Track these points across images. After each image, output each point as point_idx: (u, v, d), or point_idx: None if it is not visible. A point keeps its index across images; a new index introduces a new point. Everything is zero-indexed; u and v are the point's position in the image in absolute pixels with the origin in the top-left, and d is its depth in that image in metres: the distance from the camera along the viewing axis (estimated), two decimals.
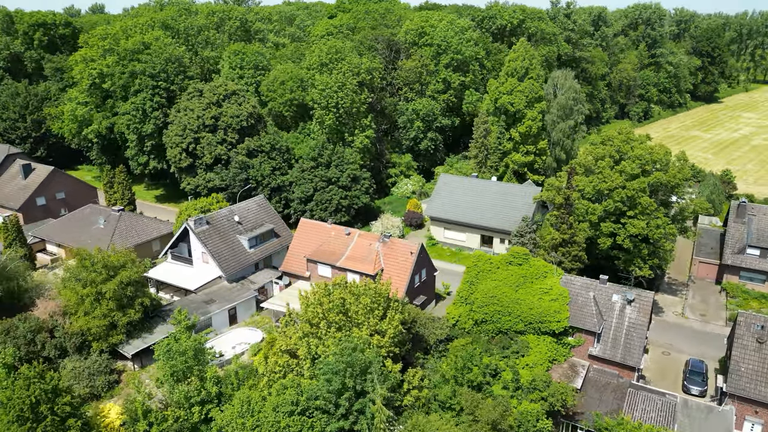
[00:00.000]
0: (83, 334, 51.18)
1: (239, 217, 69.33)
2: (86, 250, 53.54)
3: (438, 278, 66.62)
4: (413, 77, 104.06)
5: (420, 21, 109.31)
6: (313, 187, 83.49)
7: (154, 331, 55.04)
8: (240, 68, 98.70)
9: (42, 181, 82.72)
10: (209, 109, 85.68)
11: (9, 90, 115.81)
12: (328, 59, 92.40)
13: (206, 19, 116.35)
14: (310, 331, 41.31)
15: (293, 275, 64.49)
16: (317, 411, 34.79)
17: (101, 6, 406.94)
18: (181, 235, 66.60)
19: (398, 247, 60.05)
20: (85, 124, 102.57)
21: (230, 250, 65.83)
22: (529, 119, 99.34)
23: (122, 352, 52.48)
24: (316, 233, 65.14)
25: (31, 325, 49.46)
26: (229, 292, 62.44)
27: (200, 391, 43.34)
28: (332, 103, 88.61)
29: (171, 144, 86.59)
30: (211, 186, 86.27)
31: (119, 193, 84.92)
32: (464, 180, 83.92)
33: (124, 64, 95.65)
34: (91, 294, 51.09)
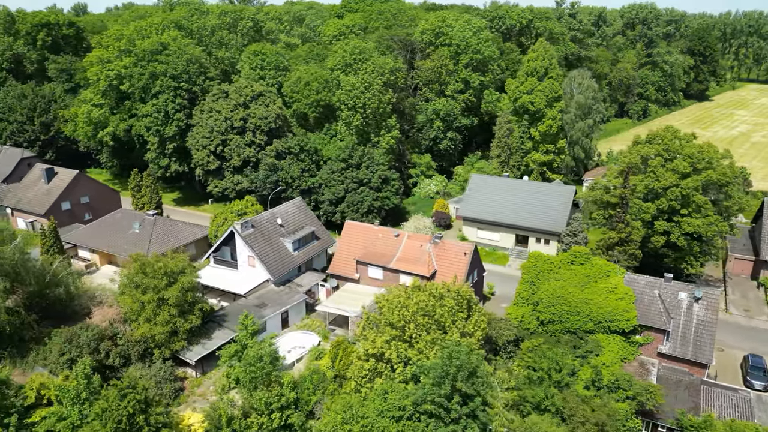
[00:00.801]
0: (145, 342, 50.13)
1: (281, 220, 68.59)
2: (144, 256, 52.47)
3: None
4: (433, 77, 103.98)
5: (436, 21, 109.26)
6: (344, 188, 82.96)
7: (212, 336, 54.15)
8: (261, 69, 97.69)
9: (67, 186, 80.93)
10: (237, 110, 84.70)
11: (15, 92, 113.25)
12: (352, 59, 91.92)
13: (218, 20, 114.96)
14: (395, 334, 40.94)
15: (341, 277, 63.98)
16: (424, 415, 34.49)
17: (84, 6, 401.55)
18: (225, 238, 65.59)
19: (451, 248, 59.88)
20: (100, 127, 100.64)
21: (276, 253, 65.12)
22: (549, 118, 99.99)
23: (184, 359, 51.52)
24: (363, 235, 64.69)
25: (93, 333, 48.34)
26: (279, 296, 61.73)
27: (280, 397, 42.81)
28: (359, 104, 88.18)
29: (197, 146, 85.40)
30: (239, 188, 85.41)
31: (147, 196, 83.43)
32: (496, 180, 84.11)
33: (143, 65, 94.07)
34: (152, 300, 50.09)
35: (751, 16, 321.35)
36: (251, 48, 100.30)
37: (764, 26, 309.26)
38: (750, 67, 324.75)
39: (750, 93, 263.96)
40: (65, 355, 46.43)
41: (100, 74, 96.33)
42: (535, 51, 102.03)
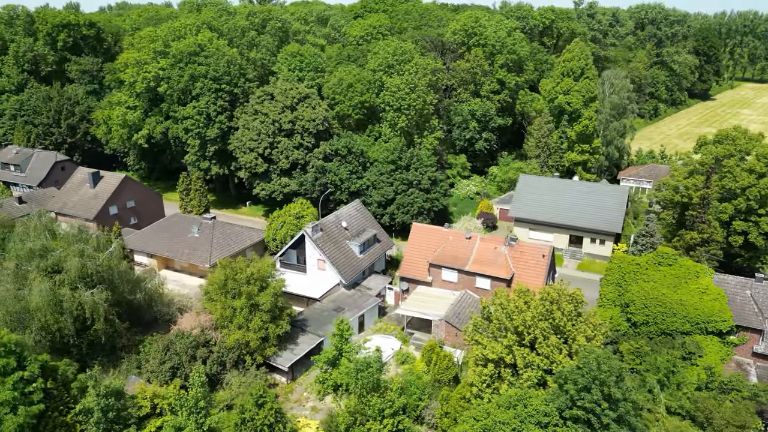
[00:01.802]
0: (239, 348, 49.39)
1: (346, 223, 68.07)
2: (235, 261, 51.68)
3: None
4: (468, 77, 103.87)
5: (469, 21, 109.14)
6: (394, 190, 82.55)
7: (297, 341, 53.57)
8: (299, 70, 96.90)
9: (114, 190, 79.64)
10: (284, 113, 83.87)
11: (39, 94, 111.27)
12: (394, 60, 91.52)
13: (247, 20, 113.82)
14: (515, 339, 40.68)
15: (412, 280, 63.55)
16: (570, 421, 34.27)
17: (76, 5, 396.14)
18: (293, 242, 64.94)
19: (528, 250, 59.77)
20: (134, 129, 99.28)
21: (344, 257, 64.61)
22: (585, 118, 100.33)
23: (275, 365, 50.84)
24: (432, 237, 64.36)
25: (190, 341, 47.51)
26: (353, 299, 61.23)
27: (392, 403, 42.38)
28: (404, 105, 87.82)
29: (244, 149, 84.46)
30: (287, 191, 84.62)
31: (196, 200, 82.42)
32: (545, 180, 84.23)
33: (180, 67, 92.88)
34: (245, 306, 49.35)
35: (746, 16, 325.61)
36: (288, 49, 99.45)
37: (759, 26, 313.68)
38: (745, 66, 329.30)
39: (748, 92, 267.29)
40: (166, 363, 45.54)
41: (136, 76, 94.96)
42: (571, 51, 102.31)
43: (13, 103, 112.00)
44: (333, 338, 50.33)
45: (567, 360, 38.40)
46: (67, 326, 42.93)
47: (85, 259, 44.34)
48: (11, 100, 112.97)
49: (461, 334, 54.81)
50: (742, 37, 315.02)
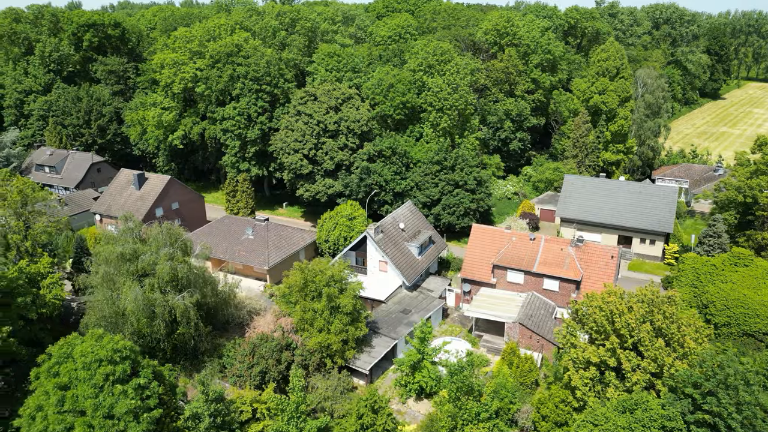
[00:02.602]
0: (320, 351, 48.93)
1: (403, 224, 67.70)
2: (309, 263, 51.21)
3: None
4: (502, 77, 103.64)
5: (501, 21, 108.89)
6: (440, 191, 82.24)
7: (372, 344, 53.13)
8: (337, 71, 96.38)
9: (161, 191, 78.91)
10: (329, 113, 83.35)
11: (69, 95, 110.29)
12: (434, 60, 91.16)
13: (276, 20, 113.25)
14: (617, 342, 40.37)
15: (475, 282, 63.19)
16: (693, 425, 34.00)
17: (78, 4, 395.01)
18: (353, 243, 64.53)
19: (595, 251, 59.54)
20: (169, 130, 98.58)
21: (404, 258, 64.26)
22: (621, 118, 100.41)
23: (355, 368, 50.42)
24: (493, 239, 64.05)
25: (274, 344, 47.03)
26: (417, 301, 60.87)
27: (488, 407, 42.05)
28: (447, 105, 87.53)
29: (288, 150, 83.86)
30: (331, 192, 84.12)
31: (243, 201, 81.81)
32: (592, 180, 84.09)
33: (219, 67, 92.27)
34: (326, 309, 48.93)
35: (749, 16, 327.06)
36: (324, 49, 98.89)
37: (764, 26, 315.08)
38: (749, 65, 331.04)
39: (756, 91, 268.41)
40: (256, 367, 45.03)
41: (174, 77, 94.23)
42: (606, 51, 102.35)
43: (41, 104, 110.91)
44: (413, 341, 49.97)
45: (678, 363, 38.11)
46: (159, 330, 42.38)
47: (175, 263, 43.76)
48: (39, 101, 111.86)
49: (535, 336, 54.70)
50: (746, 37, 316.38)
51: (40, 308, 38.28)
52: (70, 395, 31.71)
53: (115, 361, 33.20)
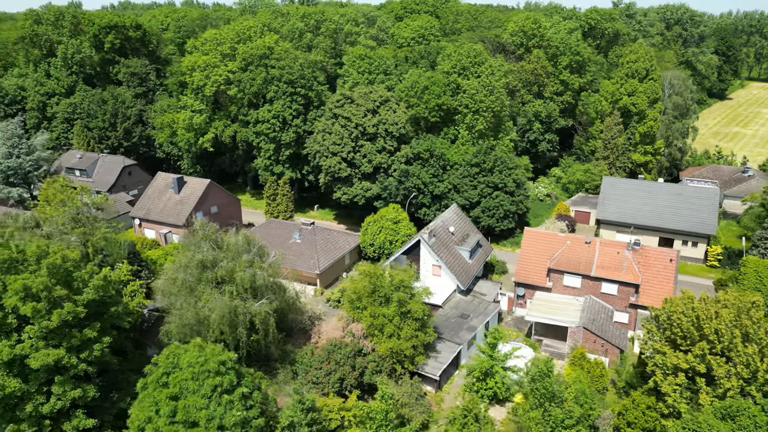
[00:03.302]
0: (392, 357, 48.66)
1: (453, 228, 67.50)
2: (378, 268, 50.94)
3: None
4: (531, 79, 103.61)
5: (529, 23, 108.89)
6: (479, 193, 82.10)
7: (437, 349, 52.89)
8: (368, 73, 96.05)
9: (201, 195, 78.39)
10: (367, 116, 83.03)
11: (94, 97, 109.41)
12: (468, 62, 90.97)
13: (302, 22, 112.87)
14: (708, 348, 40.31)
15: (530, 286, 63.05)
16: None
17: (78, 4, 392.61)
18: (407, 247, 64.25)
19: (653, 255, 59.53)
20: (200, 133, 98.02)
21: (457, 262, 64.06)
22: (650, 119, 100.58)
23: (424, 374, 50.17)
24: (546, 242, 63.95)
25: (348, 350, 46.74)
26: (473, 305, 60.67)
27: (571, 413, 41.91)
28: (483, 107, 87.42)
29: (326, 153, 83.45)
30: (369, 195, 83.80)
31: (283, 204, 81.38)
32: (631, 182, 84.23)
33: (251, 70, 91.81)
34: (396, 314, 48.68)
35: (751, 17, 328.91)
36: (355, 51, 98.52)
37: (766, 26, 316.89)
38: (751, 65, 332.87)
39: (760, 92, 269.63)
40: (334, 374, 44.72)
41: (205, 80, 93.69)
42: (635, 53, 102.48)
43: (65, 107, 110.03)
44: (483, 347, 49.82)
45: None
46: (242, 338, 42.03)
47: (254, 270, 43.40)
48: (63, 104, 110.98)
49: (599, 340, 54.59)
50: (748, 37, 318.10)
51: (127, 317, 37.82)
52: (181, 405, 31.32)
53: (221, 372, 32.86)
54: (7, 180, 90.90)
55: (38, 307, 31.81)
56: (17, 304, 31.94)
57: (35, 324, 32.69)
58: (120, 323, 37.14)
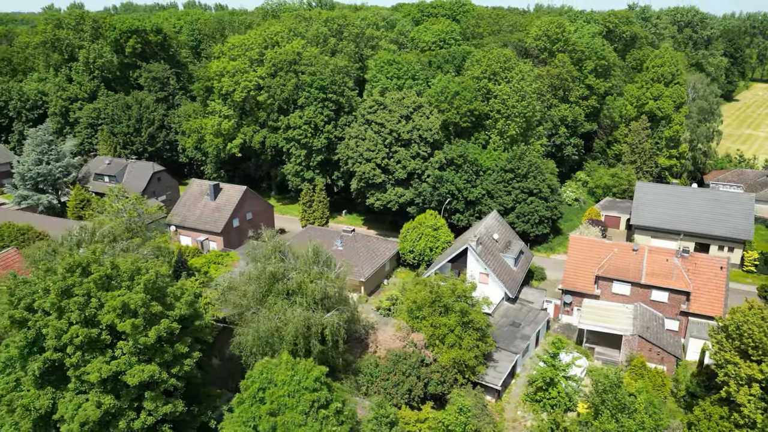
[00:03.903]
0: (455, 367, 48.68)
1: (498, 235, 67.58)
2: (438, 278, 50.96)
3: None
4: (557, 83, 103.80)
5: (553, 27, 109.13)
6: (513, 199, 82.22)
7: (493, 358, 52.92)
8: (397, 78, 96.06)
9: (238, 202, 78.28)
10: (401, 122, 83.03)
11: (118, 102, 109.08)
12: (498, 68, 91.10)
13: (325, 26, 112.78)
14: None
15: (577, 293, 63.16)
16: None
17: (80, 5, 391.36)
18: (455, 255, 64.30)
19: (703, 262, 59.73)
20: (228, 138, 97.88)
21: (504, 270, 64.17)
22: (676, 123, 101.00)
23: (485, 383, 50.23)
24: (593, 249, 64.10)
25: (413, 361, 46.75)
26: (522, 313, 60.76)
27: (643, 424, 42.02)
28: (515, 113, 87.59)
29: (360, 159, 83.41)
30: (402, 201, 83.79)
31: (319, 211, 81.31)
32: (665, 188, 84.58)
33: (282, 76, 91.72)
34: (458, 324, 48.73)
35: (754, 18, 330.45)
36: (383, 57, 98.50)
37: None
38: (754, 67, 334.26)
39: (765, 93, 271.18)
40: (403, 385, 44.71)
41: (235, 86, 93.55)
42: (661, 57, 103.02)
43: (89, 112, 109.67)
44: (545, 356, 49.94)
45: None
46: (315, 349, 41.99)
47: (324, 282, 43.37)
48: (87, 109, 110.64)
49: (655, 348, 54.73)
50: (751, 38, 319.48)
51: (210, 331, 37.76)
52: (281, 422, 31.29)
53: (316, 387, 32.85)
54: (36, 186, 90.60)
55: (136, 323, 31.68)
56: (114, 320, 31.81)
57: (129, 340, 32.58)
58: (204, 337, 37.06)
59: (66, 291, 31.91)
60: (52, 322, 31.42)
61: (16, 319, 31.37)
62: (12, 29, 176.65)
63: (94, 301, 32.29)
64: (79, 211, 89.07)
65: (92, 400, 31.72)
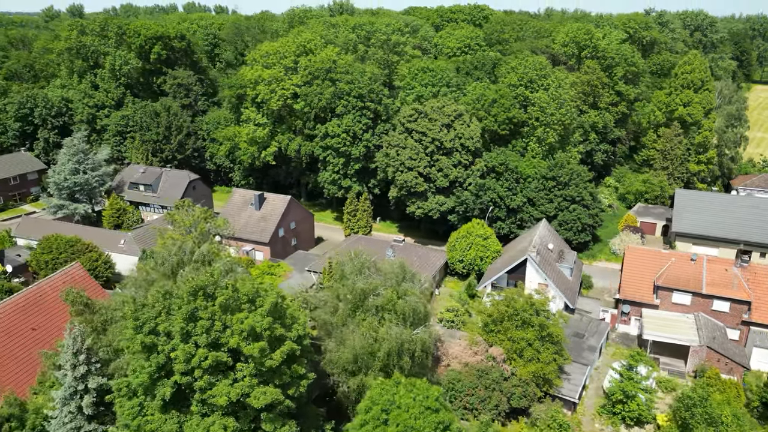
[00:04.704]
0: (534, 381, 48.85)
1: (552, 245, 67.83)
2: (516, 291, 51.10)
3: None
4: (587, 90, 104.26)
5: (581, 33, 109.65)
6: (555, 206, 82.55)
7: (565, 370, 53.09)
8: (432, 86, 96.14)
9: (283, 211, 78.13)
10: (443, 131, 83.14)
11: (146, 110, 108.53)
12: (534, 75, 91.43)
13: (353, 33, 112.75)
14: None
15: (635, 303, 63.45)
16: None
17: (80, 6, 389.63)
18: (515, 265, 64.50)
19: (763, 272, 60.20)
20: (262, 146, 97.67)
21: (561, 280, 64.43)
22: (705, 129, 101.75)
23: (563, 397, 50.40)
24: (649, 259, 64.48)
25: (498, 375, 46.84)
26: (584, 324, 60.97)
27: None
28: (554, 120, 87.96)
29: (401, 168, 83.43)
30: (443, 209, 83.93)
31: (363, 220, 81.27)
32: (705, 194, 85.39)
33: (318, 84, 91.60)
34: (536, 338, 48.90)
35: (754, 20, 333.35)
36: (418, 64, 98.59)
37: None
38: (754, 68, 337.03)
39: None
40: (490, 401, 44.80)
41: (272, 94, 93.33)
42: (690, 63, 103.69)
43: (118, 119, 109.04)
44: (621, 369, 50.19)
45: None
46: (407, 367, 41.96)
47: (413, 298, 43.37)
48: (115, 116, 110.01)
49: (723, 359, 55.10)
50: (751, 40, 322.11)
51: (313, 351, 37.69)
52: None
53: (437, 408, 32.90)
54: (72, 196, 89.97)
55: (263, 346, 31.61)
56: (240, 343, 31.73)
57: (250, 362, 32.50)
58: (311, 357, 37.00)
59: (191, 315, 31.77)
60: (180, 346, 31.27)
61: (146, 344, 31.18)
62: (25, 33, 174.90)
63: (218, 323, 32.18)
64: (115, 220, 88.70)
65: (218, 423, 31.61)
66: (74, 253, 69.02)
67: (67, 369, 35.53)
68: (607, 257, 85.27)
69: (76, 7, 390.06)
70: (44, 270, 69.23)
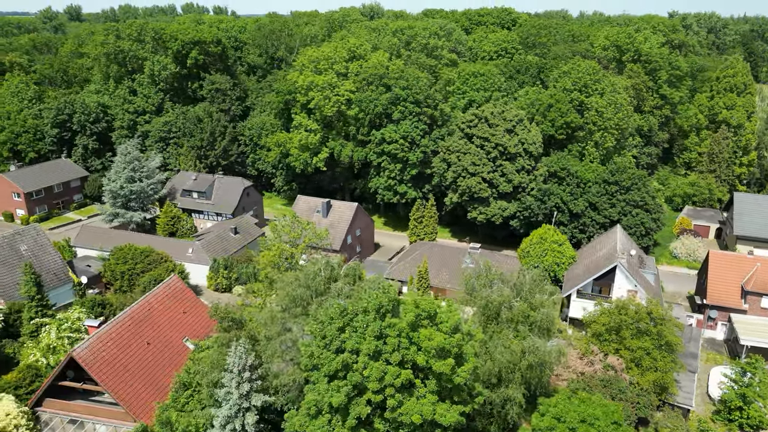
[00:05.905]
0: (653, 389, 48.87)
1: (634, 251, 67.96)
2: (630, 300, 51.13)
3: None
4: (632, 93, 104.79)
5: (622, 37, 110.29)
6: (619, 211, 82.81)
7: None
8: (484, 90, 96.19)
9: (352, 218, 77.70)
10: (505, 136, 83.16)
11: (188, 115, 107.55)
12: (589, 80, 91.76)
13: (395, 37, 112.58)
14: None
15: (722, 308, 63.80)
16: None
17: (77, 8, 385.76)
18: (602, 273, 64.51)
19: None
20: (313, 152, 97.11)
21: (647, 286, 64.49)
22: (749, 132, 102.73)
23: (677, 404, 50.46)
24: (735, 265, 64.91)
25: (623, 386, 46.80)
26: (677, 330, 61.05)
27: None
28: (611, 125, 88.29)
29: (464, 174, 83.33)
30: (506, 215, 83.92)
31: (429, 227, 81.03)
32: (764, 198, 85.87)
33: (372, 90, 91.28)
34: (654, 347, 48.93)
35: (753, 21, 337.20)
36: (467, 69, 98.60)
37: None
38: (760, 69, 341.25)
39: None
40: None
41: (326, 100, 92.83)
42: (733, 67, 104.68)
43: (160, 125, 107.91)
44: (730, 374, 50.49)
45: None
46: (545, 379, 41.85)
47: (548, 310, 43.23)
48: (157, 122, 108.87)
49: None
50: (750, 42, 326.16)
51: None
52: None
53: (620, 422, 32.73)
54: (126, 204, 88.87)
55: (452, 363, 31.34)
56: (430, 360, 31.41)
57: (432, 379, 32.22)
58: None
59: (381, 334, 31.42)
60: (371, 364, 30.89)
61: (342, 362, 30.74)
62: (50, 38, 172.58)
63: (405, 341, 31.85)
64: (170, 228, 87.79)
65: None
66: (150, 263, 68.17)
67: (231, 388, 34.97)
68: (668, 261, 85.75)
69: (73, 8, 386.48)
70: (119, 281, 68.34)
